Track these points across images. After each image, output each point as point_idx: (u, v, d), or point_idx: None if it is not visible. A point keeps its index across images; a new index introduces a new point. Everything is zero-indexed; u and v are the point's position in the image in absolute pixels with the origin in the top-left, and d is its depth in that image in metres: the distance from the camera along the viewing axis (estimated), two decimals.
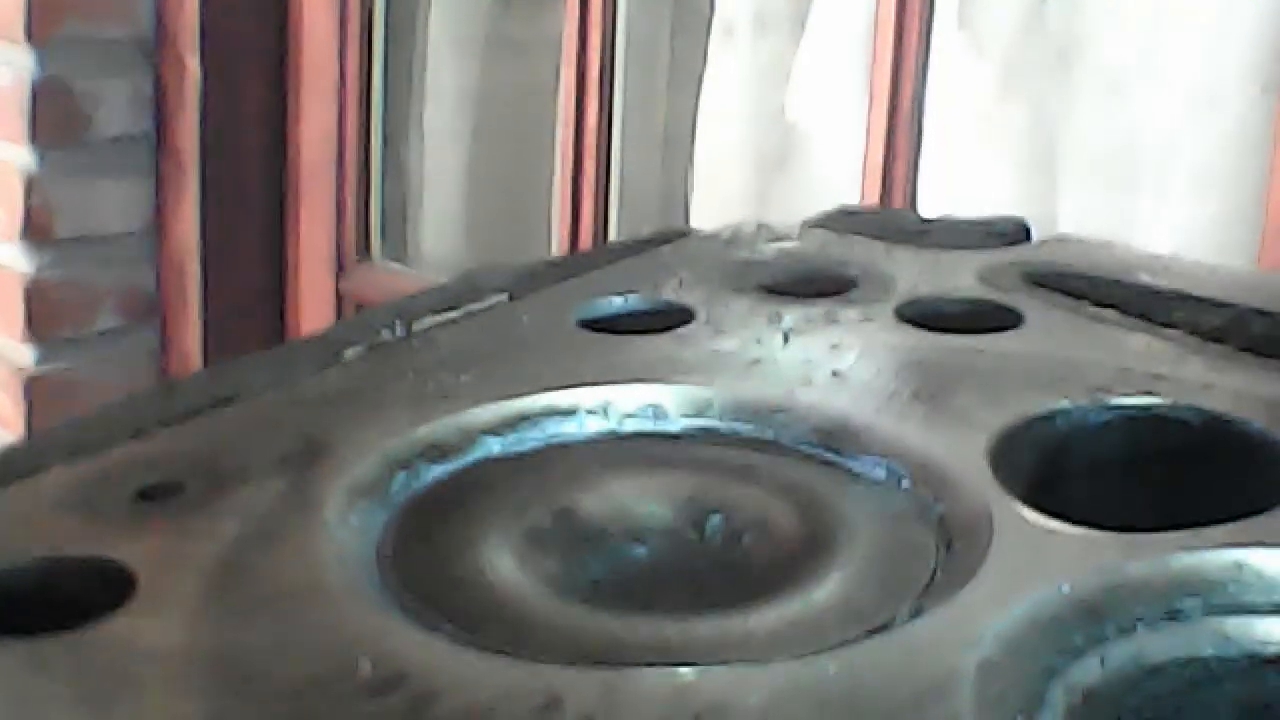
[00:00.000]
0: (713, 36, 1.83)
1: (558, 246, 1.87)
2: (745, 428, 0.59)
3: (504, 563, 0.50)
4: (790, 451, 0.58)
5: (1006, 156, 1.63)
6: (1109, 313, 0.71)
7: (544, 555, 0.51)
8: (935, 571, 0.49)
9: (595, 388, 0.60)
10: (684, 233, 0.84)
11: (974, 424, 0.58)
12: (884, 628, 0.46)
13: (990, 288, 0.74)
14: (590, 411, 0.59)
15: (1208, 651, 0.47)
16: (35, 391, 1.94)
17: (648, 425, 0.60)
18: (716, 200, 1.85)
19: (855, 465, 0.56)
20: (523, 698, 0.41)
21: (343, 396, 0.61)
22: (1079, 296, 0.73)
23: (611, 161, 1.86)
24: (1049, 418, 0.60)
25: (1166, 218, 1.51)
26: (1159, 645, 0.46)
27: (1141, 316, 0.71)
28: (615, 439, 0.59)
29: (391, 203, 2.09)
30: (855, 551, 0.50)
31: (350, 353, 0.65)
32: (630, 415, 0.60)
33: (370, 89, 2.03)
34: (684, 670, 0.43)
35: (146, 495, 0.52)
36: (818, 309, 0.71)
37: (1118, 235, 1.49)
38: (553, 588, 0.49)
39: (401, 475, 0.54)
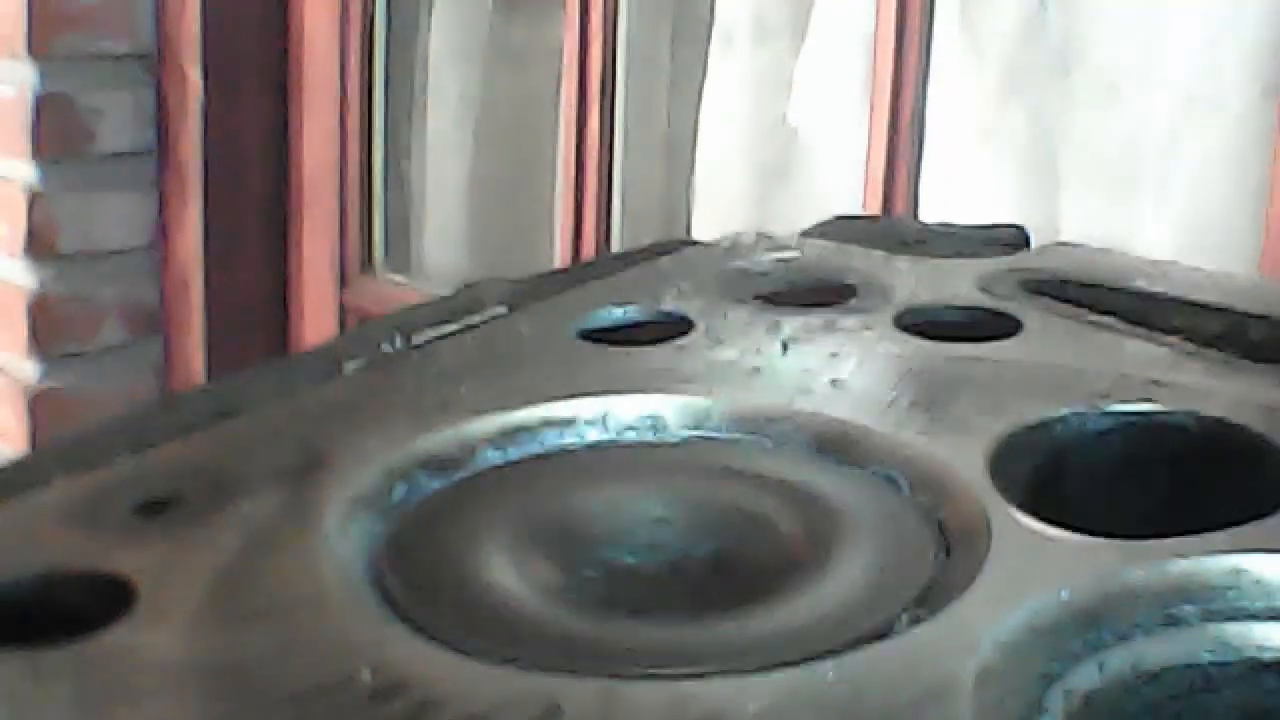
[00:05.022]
0: (713, 45, 1.83)
1: (560, 257, 1.87)
2: (745, 437, 0.59)
3: (502, 572, 0.50)
4: (789, 460, 0.58)
5: (1007, 162, 1.63)
6: (1108, 320, 0.71)
7: (542, 564, 0.51)
8: (934, 578, 0.49)
9: (594, 399, 0.60)
10: (682, 243, 0.84)
11: (973, 431, 0.58)
12: (882, 635, 0.46)
13: (989, 295, 0.74)
14: (589, 423, 0.60)
15: (1206, 657, 0.47)
16: (38, 406, 1.95)
17: (647, 436, 0.60)
18: (718, 209, 1.85)
19: (854, 473, 0.56)
20: (522, 706, 0.41)
21: (343, 409, 0.61)
22: (1078, 304, 0.73)
23: (613, 171, 1.86)
24: (1048, 425, 0.60)
25: (1167, 222, 1.51)
26: (1158, 651, 0.46)
27: (1140, 323, 0.71)
28: (613, 447, 0.59)
29: (394, 214, 2.09)
30: (853, 558, 0.51)
31: (351, 365, 0.66)
32: (629, 426, 0.60)
33: (372, 100, 2.04)
34: (682, 679, 0.43)
35: (147, 508, 0.52)
36: (817, 318, 0.71)
37: (1119, 240, 1.49)
38: (550, 596, 0.49)
39: (401, 486, 0.55)
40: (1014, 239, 0.86)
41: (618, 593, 0.51)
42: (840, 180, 1.70)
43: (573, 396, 0.60)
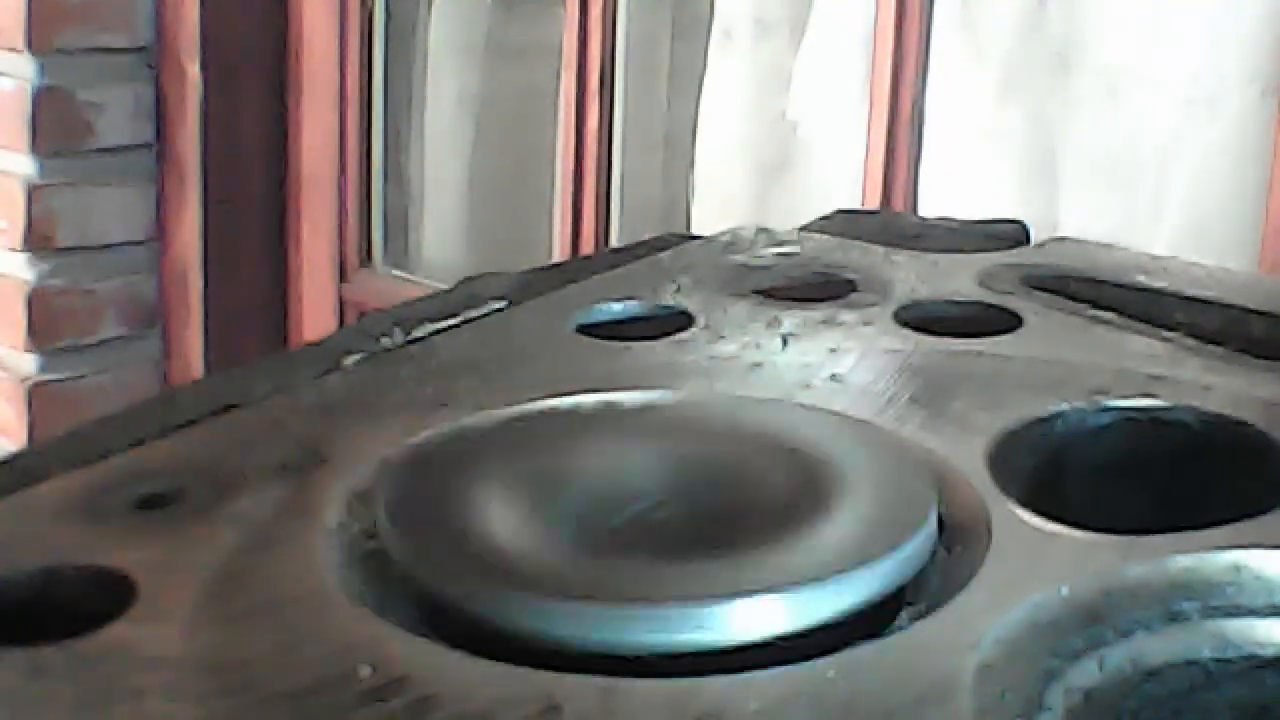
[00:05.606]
0: (713, 40, 1.83)
1: (559, 252, 1.87)
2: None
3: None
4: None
5: (1006, 159, 1.63)
6: (1108, 315, 0.71)
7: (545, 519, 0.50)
8: (934, 575, 0.49)
9: (594, 394, 0.60)
10: (682, 238, 0.84)
11: (973, 427, 0.58)
12: (883, 631, 0.46)
13: (989, 291, 0.74)
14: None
15: (1206, 654, 0.47)
16: (37, 400, 1.95)
17: None
18: (717, 204, 1.85)
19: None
20: (521, 704, 0.41)
21: (343, 404, 0.61)
22: (1078, 299, 0.73)
23: (612, 166, 1.86)
24: (1048, 420, 0.60)
25: (1166, 220, 1.51)
26: (1158, 648, 0.46)
27: (1140, 319, 0.71)
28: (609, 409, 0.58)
29: (393, 209, 2.09)
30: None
31: (350, 360, 0.66)
32: None
33: (371, 96, 2.04)
34: (682, 677, 0.43)
35: (147, 503, 0.52)
36: (816, 313, 0.71)
37: (1117, 237, 1.49)
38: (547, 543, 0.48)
39: None
40: (1014, 234, 0.86)
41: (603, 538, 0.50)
42: (839, 175, 1.70)
43: (572, 392, 0.60)
